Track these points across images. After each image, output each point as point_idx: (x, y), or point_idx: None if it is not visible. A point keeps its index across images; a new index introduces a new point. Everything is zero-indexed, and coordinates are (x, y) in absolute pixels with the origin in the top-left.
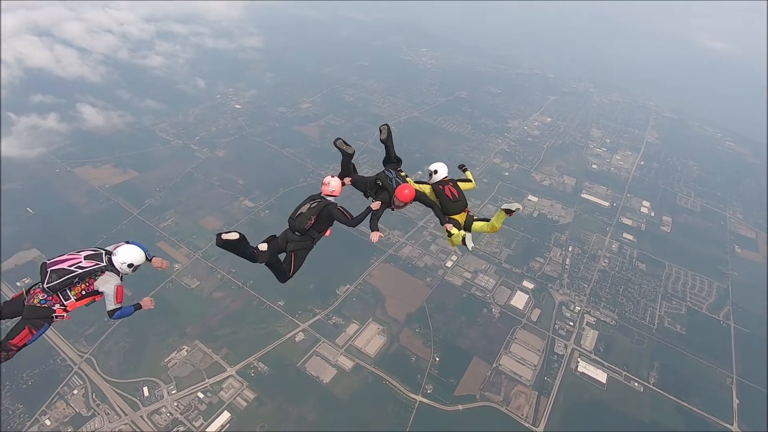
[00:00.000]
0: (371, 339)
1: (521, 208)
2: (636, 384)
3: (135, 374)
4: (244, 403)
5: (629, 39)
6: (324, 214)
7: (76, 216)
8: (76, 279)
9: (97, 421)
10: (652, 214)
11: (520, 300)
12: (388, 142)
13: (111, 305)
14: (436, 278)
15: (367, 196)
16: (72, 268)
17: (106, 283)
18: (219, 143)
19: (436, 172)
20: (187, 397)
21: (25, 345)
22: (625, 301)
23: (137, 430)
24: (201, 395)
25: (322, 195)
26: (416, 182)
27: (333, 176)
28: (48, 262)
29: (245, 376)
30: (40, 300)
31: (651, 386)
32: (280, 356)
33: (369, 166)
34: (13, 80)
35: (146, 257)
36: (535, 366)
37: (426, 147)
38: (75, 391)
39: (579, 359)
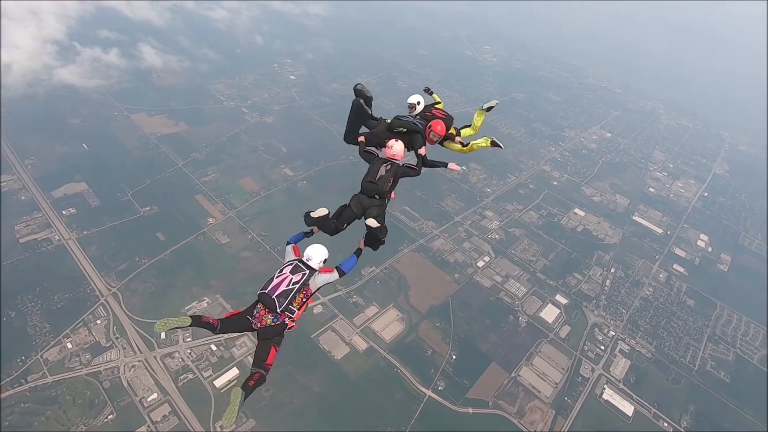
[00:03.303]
0: (389, 324)
1: (498, 102)
2: (665, 424)
3: (155, 315)
4: None
5: (713, 62)
6: (399, 175)
7: (125, 158)
8: (293, 293)
9: (114, 353)
10: (710, 249)
11: (550, 313)
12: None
13: (335, 276)
14: (465, 276)
15: (380, 148)
16: (291, 286)
17: (316, 280)
18: (269, 110)
19: (419, 103)
20: (201, 347)
21: (274, 359)
22: (666, 335)
23: (149, 369)
24: (214, 347)
25: (387, 158)
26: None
27: (396, 140)
28: (266, 291)
29: None
30: (272, 320)
31: (682, 429)
32: None
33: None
34: (84, 14)
35: (306, 235)
36: (556, 384)
37: None
38: (98, 321)
39: (605, 386)
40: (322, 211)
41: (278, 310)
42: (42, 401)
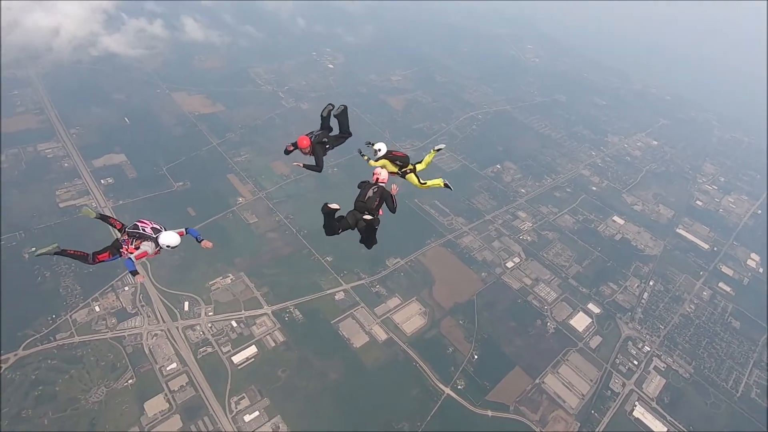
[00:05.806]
0: (411, 317)
1: (445, 145)
2: None
3: (180, 287)
4: (273, 344)
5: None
6: (383, 198)
7: (163, 134)
8: (137, 235)
9: (138, 320)
10: (761, 270)
11: (581, 322)
12: (341, 117)
13: (131, 256)
14: (493, 275)
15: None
16: (140, 228)
17: (143, 245)
18: (306, 96)
19: (380, 150)
20: (222, 323)
21: (102, 261)
22: (707, 356)
23: (171, 339)
24: (234, 324)
25: (373, 182)
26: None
27: (382, 168)
28: (140, 219)
29: (279, 318)
30: (121, 240)
31: None
32: (317, 309)
33: (448, 147)
34: None
35: (196, 239)
36: (583, 395)
37: (510, 143)
38: (126, 288)
39: (637, 403)
40: (335, 206)
41: (127, 229)
42: (68, 360)
